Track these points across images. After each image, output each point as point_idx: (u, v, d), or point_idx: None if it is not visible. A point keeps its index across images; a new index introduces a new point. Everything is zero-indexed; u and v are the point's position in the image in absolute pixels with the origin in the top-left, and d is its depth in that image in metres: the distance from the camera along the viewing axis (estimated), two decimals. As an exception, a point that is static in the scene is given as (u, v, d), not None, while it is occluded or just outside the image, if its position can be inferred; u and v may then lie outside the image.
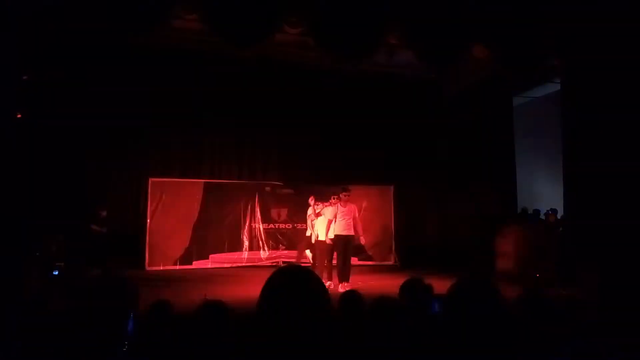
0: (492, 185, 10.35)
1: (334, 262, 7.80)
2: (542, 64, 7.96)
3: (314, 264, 8.29)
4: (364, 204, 10.60)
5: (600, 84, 7.55)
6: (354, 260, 8.73)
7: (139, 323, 2.85)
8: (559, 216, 9.55)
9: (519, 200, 10.05)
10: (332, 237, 7.66)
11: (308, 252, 9.18)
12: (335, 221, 7.62)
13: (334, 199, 7.76)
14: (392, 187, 11.44)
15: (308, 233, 8.78)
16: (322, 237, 7.92)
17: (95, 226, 8.74)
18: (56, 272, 6.95)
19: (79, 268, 7.28)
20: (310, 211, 8.70)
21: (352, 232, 7.65)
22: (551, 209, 9.73)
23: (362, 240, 8.12)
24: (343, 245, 7.56)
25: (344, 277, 7.57)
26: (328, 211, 7.84)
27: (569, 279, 7.33)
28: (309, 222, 8.75)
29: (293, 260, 9.90)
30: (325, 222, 7.85)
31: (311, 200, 8.76)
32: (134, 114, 9.92)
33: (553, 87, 9.71)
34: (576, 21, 7.42)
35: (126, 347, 2.07)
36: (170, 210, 9.97)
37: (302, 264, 7.72)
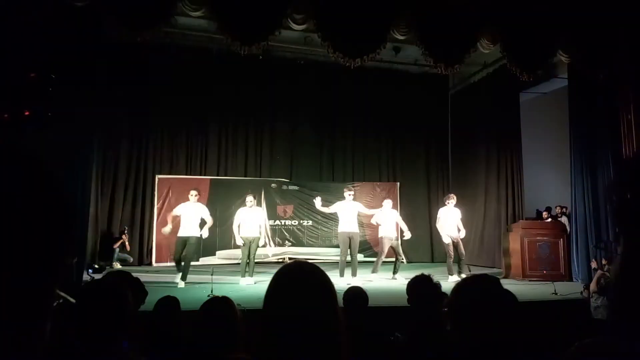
0: (499, 181, 10.31)
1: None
2: (550, 59, 7.88)
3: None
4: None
5: (607, 80, 7.49)
6: (360, 257, 8.72)
7: (147, 319, 2.87)
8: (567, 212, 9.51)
9: (525, 196, 9.99)
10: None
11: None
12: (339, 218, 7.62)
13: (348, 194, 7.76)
14: (397, 184, 11.43)
15: None
16: None
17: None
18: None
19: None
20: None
21: (355, 229, 7.65)
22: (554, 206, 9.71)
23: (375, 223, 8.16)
24: (347, 241, 7.57)
25: (350, 273, 7.57)
26: (332, 208, 7.84)
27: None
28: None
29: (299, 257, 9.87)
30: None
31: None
32: (141, 111, 9.96)
33: (560, 83, 9.63)
34: (583, 17, 7.37)
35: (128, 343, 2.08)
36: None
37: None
